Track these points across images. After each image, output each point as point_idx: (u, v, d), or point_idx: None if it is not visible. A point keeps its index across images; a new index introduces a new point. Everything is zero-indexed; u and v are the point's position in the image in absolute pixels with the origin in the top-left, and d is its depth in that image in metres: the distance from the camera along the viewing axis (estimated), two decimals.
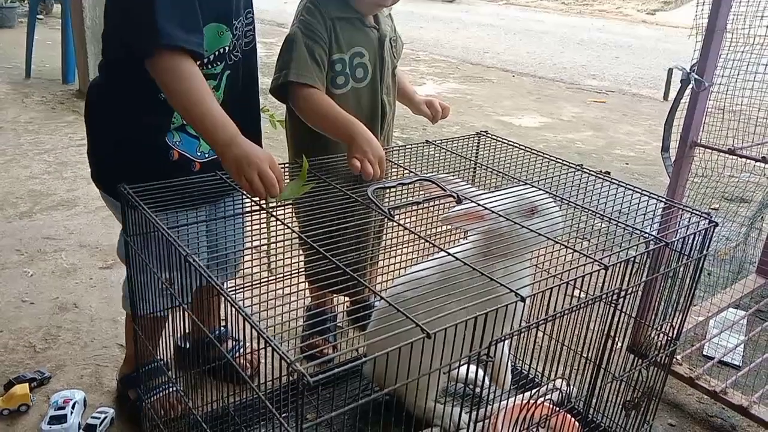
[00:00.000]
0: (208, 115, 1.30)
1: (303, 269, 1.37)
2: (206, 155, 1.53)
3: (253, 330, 0.94)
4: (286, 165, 1.57)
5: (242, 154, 1.29)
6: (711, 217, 1.40)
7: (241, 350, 1.85)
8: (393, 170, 1.67)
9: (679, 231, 1.40)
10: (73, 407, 1.64)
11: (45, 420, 1.61)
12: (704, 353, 2.10)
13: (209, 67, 1.45)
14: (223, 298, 1.06)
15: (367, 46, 1.77)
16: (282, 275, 1.35)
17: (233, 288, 1.29)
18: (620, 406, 1.55)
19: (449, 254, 1.20)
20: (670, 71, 1.87)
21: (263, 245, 1.36)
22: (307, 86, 1.66)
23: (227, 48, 1.46)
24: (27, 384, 1.75)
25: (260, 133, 1.68)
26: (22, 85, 5.10)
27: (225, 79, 1.50)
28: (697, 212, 1.43)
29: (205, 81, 1.33)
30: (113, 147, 1.48)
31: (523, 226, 1.30)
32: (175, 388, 1.56)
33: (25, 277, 2.39)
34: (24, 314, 2.16)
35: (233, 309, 0.99)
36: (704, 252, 1.42)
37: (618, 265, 1.26)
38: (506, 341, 1.36)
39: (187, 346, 1.78)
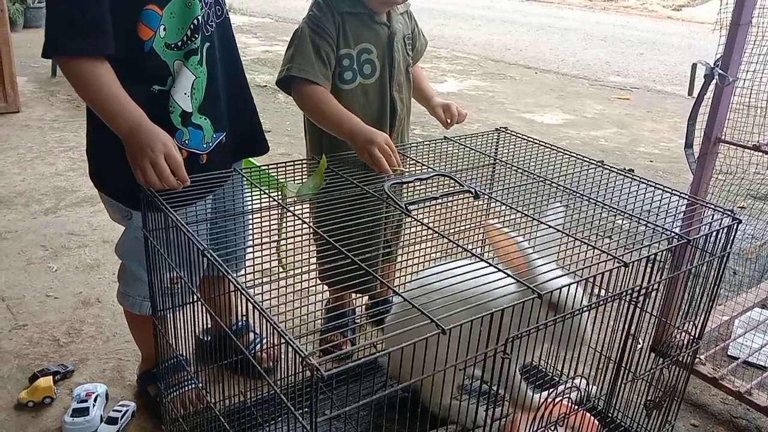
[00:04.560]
0: (107, 105, 1.31)
1: (317, 267, 1.36)
2: (211, 145, 1.54)
3: (269, 324, 0.95)
4: (304, 161, 1.58)
5: (138, 144, 1.29)
6: (734, 214, 1.38)
7: (261, 344, 1.86)
8: (410, 166, 1.67)
9: (702, 228, 1.38)
10: (95, 400, 1.67)
11: (68, 412, 1.64)
12: (729, 353, 2.07)
13: (189, 42, 1.43)
14: (237, 293, 1.06)
15: (375, 42, 1.77)
16: (300, 271, 1.35)
17: (251, 282, 1.30)
18: (642, 406, 1.53)
19: (472, 254, 1.20)
20: (694, 67, 1.84)
21: (275, 241, 1.36)
22: (309, 82, 1.66)
23: (201, 19, 1.44)
24: (51, 377, 1.78)
25: (254, 109, 1.68)
26: (48, 84, 5.18)
27: (206, 53, 1.48)
28: (720, 209, 1.41)
29: (108, 73, 1.31)
30: (114, 145, 1.43)
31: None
32: (194, 384, 1.58)
33: (50, 272, 2.43)
34: (48, 308, 2.19)
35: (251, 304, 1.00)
36: (727, 249, 1.39)
37: (640, 263, 1.24)
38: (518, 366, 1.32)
39: (208, 338, 1.79)
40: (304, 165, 1.57)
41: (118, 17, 1.32)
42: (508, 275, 1.10)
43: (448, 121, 1.92)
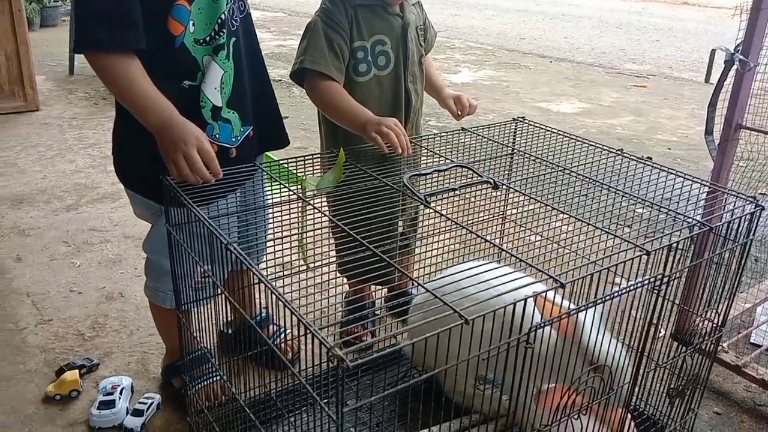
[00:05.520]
0: (138, 100, 1.32)
1: (336, 259, 1.37)
2: (239, 138, 1.55)
3: (293, 316, 0.96)
4: (320, 155, 1.58)
5: (170, 138, 1.30)
6: (757, 200, 1.37)
7: (282, 336, 1.87)
8: (427, 158, 1.67)
9: (724, 215, 1.37)
10: (121, 393, 1.70)
11: (95, 405, 1.67)
12: (751, 341, 2.05)
13: (217, 37, 1.44)
14: (258, 286, 1.07)
15: (389, 34, 1.77)
16: (320, 264, 1.36)
17: (272, 275, 1.31)
18: (664, 394, 1.53)
19: (493, 244, 1.20)
20: (712, 52, 1.82)
21: (299, 236, 1.37)
22: (322, 75, 1.67)
23: (226, 14, 1.45)
24: (77, 370, 1.81)
25: (275, 103, 1.69)
26: (66, 82, 5.23)
27: (233, 48, 1.49)
28: (743, 196, 1.39)
29: (138, 69, 1.32)
30: (144, 142, 1.45)
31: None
32: (218, 376, 1.60)
33: (73, 267, 2.47)
34: (72, 303, 2.23)
35: (273, 296, 1.01)
36: (750, 237, 1.38)
37: (661, 251, 1.23)
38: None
39: (230, 331, 1.81)
40: (321, 159, 1.58)
41: (149, 12, 1.33)
42: (530, 265, 1.10)
43: (459, 113, 1.92)
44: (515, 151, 1.73)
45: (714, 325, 1.49)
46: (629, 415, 1.45)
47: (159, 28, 1.37)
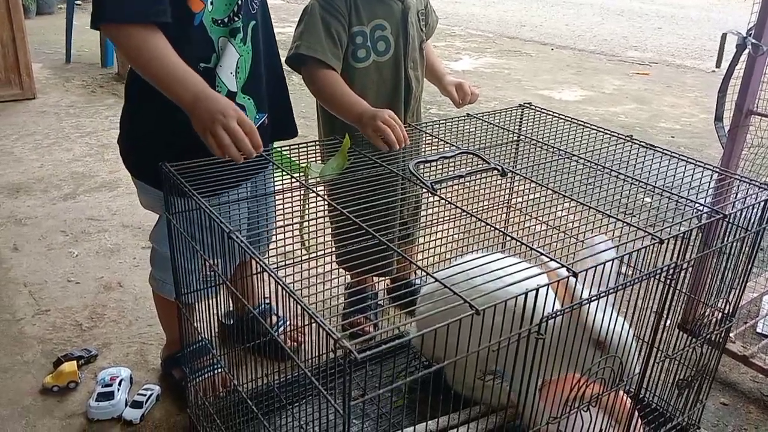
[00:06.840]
0: (169, 73, 1.26)
1: (335, 251, 1.34)
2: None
3: (296, 307, 0.93)
4: (321, 142, 1.55)
5: (206, 110, 1.23)
6: None
7: (283, 327, 1.84)
8: (434, 145, 1.63)
9: (737, 203, 1.34)
10: (119, 384, 1.67)
11: (93, 397, 1.64)
12: (758, 331, 2.03)
13: (235, 19, 1.40)
14: (259, 276, 1.04)
15: (389, 18, 1.72)
16: (321, 253, 1.33)
17: (274, 265, 1.28)
18: (670, 386, 1.50)
19: (503, 232, 1.17)
20: (723, 37, 1.78)
21: (299, 221, 1.33)
22: (319, 64, 1.63)
23: None
24: (75, 361, 1.78)
25: (287, 91, 1.66)
26: (63, 70, 5.18)
27: (251, 31, 1.45)
28: (756, 183, 1.36)
29: (164, 42, 1.27)
30: (159, 131, 1.42)
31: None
32: (219, 368, 1.57)
33: (71, 257, 2.44)
34: (70, 293, 2.20)
35: (276, 286, 0.98)
36: (763, 225, 1.35)
37: (671, 240, 1.20)
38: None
39: (231, 322, 1.79)
40: (322, 146, 1.55)
41: None
42: (541, 253, 1.07)
43: (461, 101, 1.88)
44: (521, 137, 1.69)
45: (723, 315, 1.47)
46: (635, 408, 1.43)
47: (179, 5, 1.31)
